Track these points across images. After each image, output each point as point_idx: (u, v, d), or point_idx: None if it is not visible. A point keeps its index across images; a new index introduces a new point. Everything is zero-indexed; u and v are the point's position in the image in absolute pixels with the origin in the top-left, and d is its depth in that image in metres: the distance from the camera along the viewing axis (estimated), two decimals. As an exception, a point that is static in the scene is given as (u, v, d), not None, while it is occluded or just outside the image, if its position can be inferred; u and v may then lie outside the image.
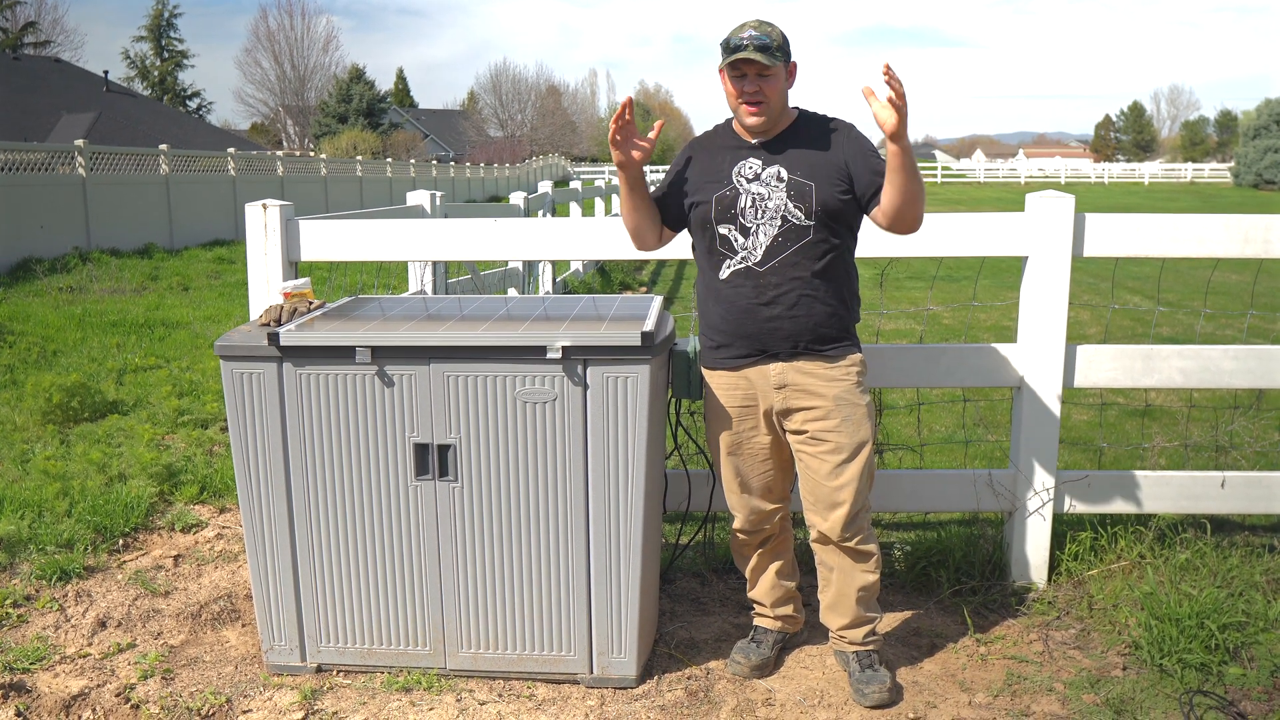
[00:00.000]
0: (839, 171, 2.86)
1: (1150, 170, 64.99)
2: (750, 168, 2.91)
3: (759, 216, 2.88)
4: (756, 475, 3.05)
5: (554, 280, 10.12)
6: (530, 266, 8.85)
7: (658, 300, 3.27)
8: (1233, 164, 56.21)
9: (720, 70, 2.88)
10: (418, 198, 5.36)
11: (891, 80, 2.51)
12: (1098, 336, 8.79)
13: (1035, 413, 3.54)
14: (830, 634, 3.13)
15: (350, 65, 58.29)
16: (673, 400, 3.36)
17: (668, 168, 3.14)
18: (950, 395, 6.41)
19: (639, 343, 2.78)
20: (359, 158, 29.98)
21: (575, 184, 13.31)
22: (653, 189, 3.06)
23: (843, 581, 3.04)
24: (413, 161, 37.24)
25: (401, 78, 79.37)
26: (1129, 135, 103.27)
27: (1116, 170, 66.34)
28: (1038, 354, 3.50)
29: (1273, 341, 8.37)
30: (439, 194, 5.47)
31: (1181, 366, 3.54)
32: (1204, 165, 68.05)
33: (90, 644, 3.32)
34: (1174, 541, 3.66)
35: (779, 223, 2.86)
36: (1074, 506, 3.66)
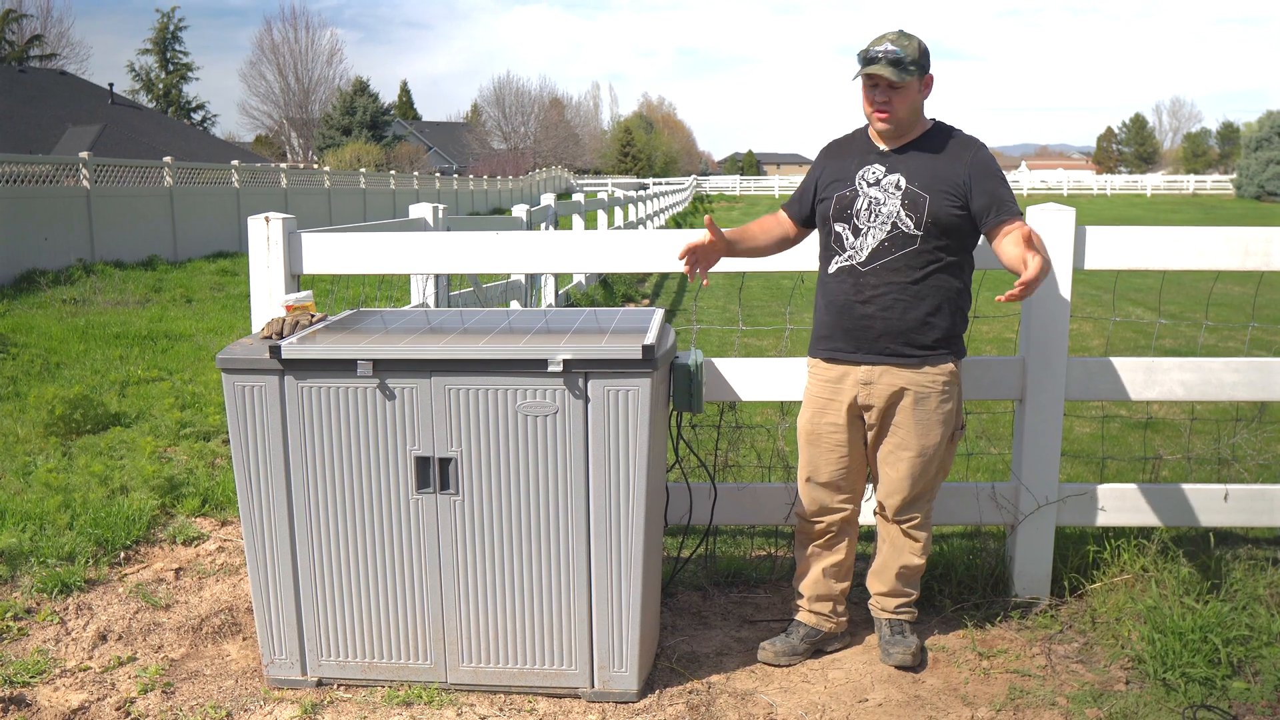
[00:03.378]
0: (956, 187, 2.98)
1: (1153, 182, 65.02)
2: (874, 172, 3.06)
3: (872, 220, 3.02)
4: (827, 467, 3.18)
5: (556, 292, 10.13)
6: (532, 279, 8.86)
7: (659, 313, 3.27)
8: (1235, 176, 56.25)
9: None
10: (420, 210, 5.37)
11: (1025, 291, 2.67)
12: (1100, 349, 8.79)
13: (1037, 425, 3.53)
14: (870, 598, 3.35)
15: (354, 78, 58.51)
16: (674, 413, 3.36)
17: (673, 179, 3.22)
18: (952, 407, 6.40)
19: (640, 356, 2.78)
20: (362, 170, 30.06)
21: (578, 196, 13.34)
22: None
23: (889, 554, 3.27)
24: (416, 174, 37.32)
25: (405, 90, 79.69)
26: (1131, 147, 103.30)
27: (1119, 182, 66.39)
28: (1039, 366, 3.49)
29: (1274, 354, 8.36)
30: (441, 207, 5.48)
31: (1183, 379, 3.53)
32: (1206, 177, 68.09)
33: (91, 657, 3.32)
34: (1177, 555, 3.65)
35: (889, 228, 3.00)
36: (1076, 519, 3.64)
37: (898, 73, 2.93)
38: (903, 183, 3.00)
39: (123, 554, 4.11)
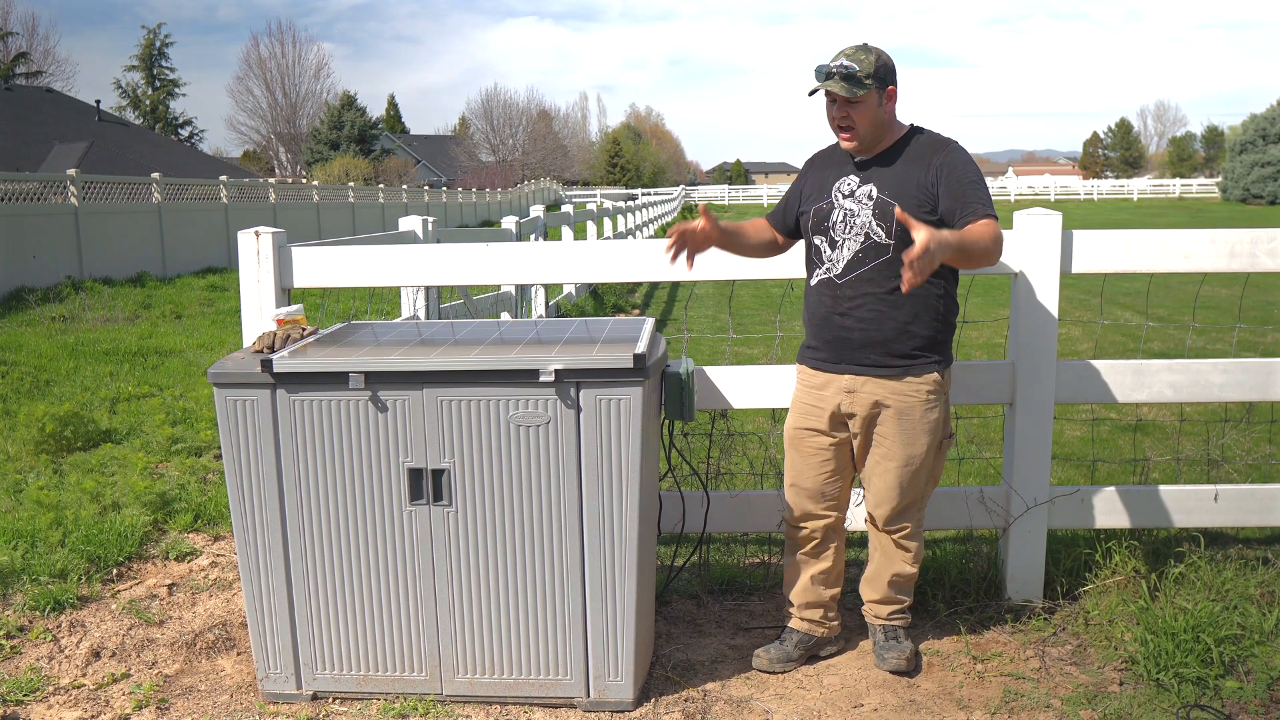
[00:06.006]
0: (925, 192, 2.97)
1: (1139, 186, 65.38)
2: (848, 184, 3.07)
3: (846, 232, 3.03)
4: (810, 473, 3.19)
5: (547, 303, 10.14)
6: (523, 290, 8.87)
7: (649, 322, 3.28)
8: (1220, 179, 56.57)
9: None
10: (410, 223, 5.37)
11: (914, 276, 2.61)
12: (1089, 352, 8.82)
13: (1027, 429, 3.55)
14: (863, 604, 3.35)
15: (342, 92, 58.56)
16: (666, 422, 3.37)
17: (661, 189, 3.24)
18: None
19: (631, 365, 2.79)
20: (351, 184, 30.07)
21: (567, 208, 13.35)
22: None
23: (881, 563, 3.27)
24: (405, 187, 37.32)
25: (393, 104, 79.71)
26: (1117, 152, 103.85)
27: (1105, 187, 66.74)
28: (1029, 370, 3.51)
29: (1262, 354, 8.41)
30: (431, 219, 5.48)
31: (1171, 381, 3.56)
32: (1192, 180, 68.48)
33: (84, 674, 3.31)
34: (1168, 556, 3.67)
35: (862, 239, 3.01)
36: (1067, 522, 3.66)
37: (849, 88, 2.93)
38: (874, 193, 3.00)
39: (115, 570, 4.10)
